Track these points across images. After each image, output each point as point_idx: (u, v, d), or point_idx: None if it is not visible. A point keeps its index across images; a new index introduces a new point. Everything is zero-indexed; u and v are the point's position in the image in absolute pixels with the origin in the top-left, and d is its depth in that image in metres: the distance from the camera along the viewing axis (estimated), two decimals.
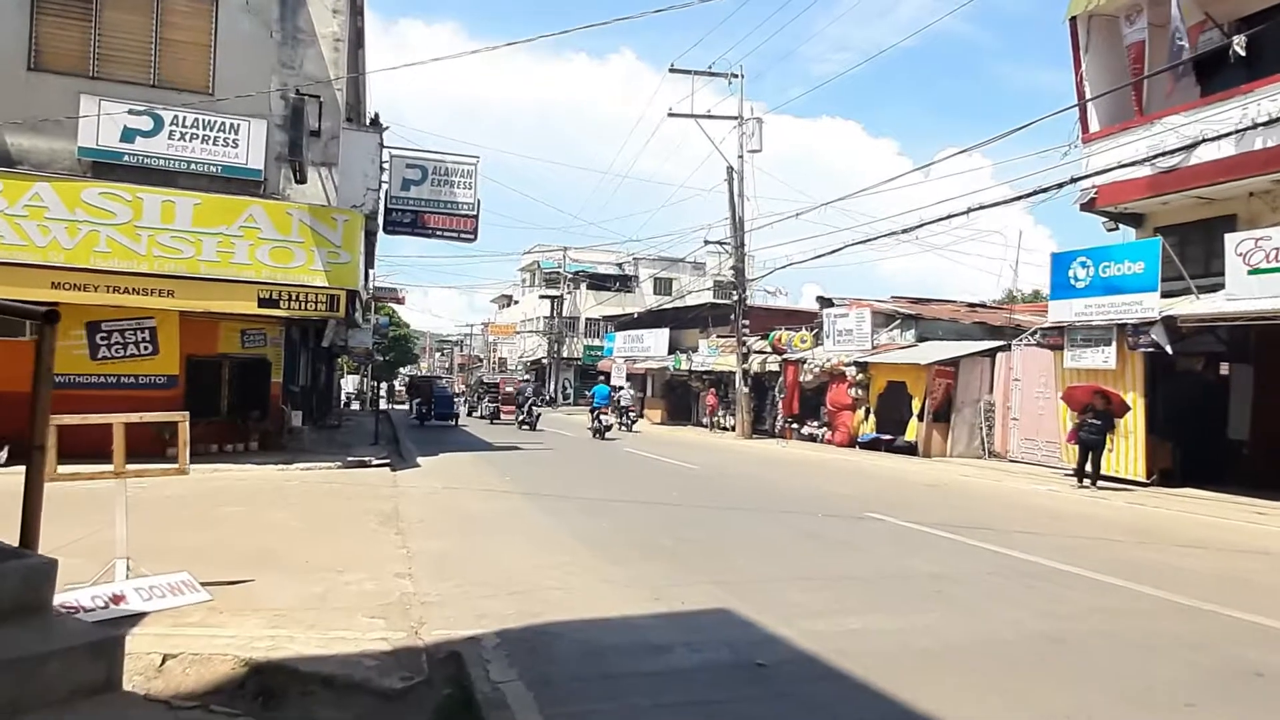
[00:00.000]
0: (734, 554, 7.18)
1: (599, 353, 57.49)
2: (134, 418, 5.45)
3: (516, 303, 72.29)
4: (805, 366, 24.32)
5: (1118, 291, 13.98)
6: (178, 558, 6.13)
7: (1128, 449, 14.08)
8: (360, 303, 17.07)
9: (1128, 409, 13.59)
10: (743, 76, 25.94)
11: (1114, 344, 14.16)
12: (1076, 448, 14.05)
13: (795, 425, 25.18)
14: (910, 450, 20.00)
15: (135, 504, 8.94)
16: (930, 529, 8.67)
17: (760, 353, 26.89)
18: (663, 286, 60.53)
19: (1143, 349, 13.60)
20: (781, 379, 26.03)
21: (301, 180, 13.49)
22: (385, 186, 16.51)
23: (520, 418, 27.38)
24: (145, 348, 13.82)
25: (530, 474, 13.30)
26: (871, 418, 21.68)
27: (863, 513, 9.74)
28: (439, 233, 17.65)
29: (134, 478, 5.57)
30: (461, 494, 10.56)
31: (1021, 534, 8.62)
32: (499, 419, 32.64)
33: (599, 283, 61.07)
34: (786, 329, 26.39)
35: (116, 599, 5.16)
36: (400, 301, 37.17)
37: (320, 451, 15.81)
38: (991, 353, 19.84)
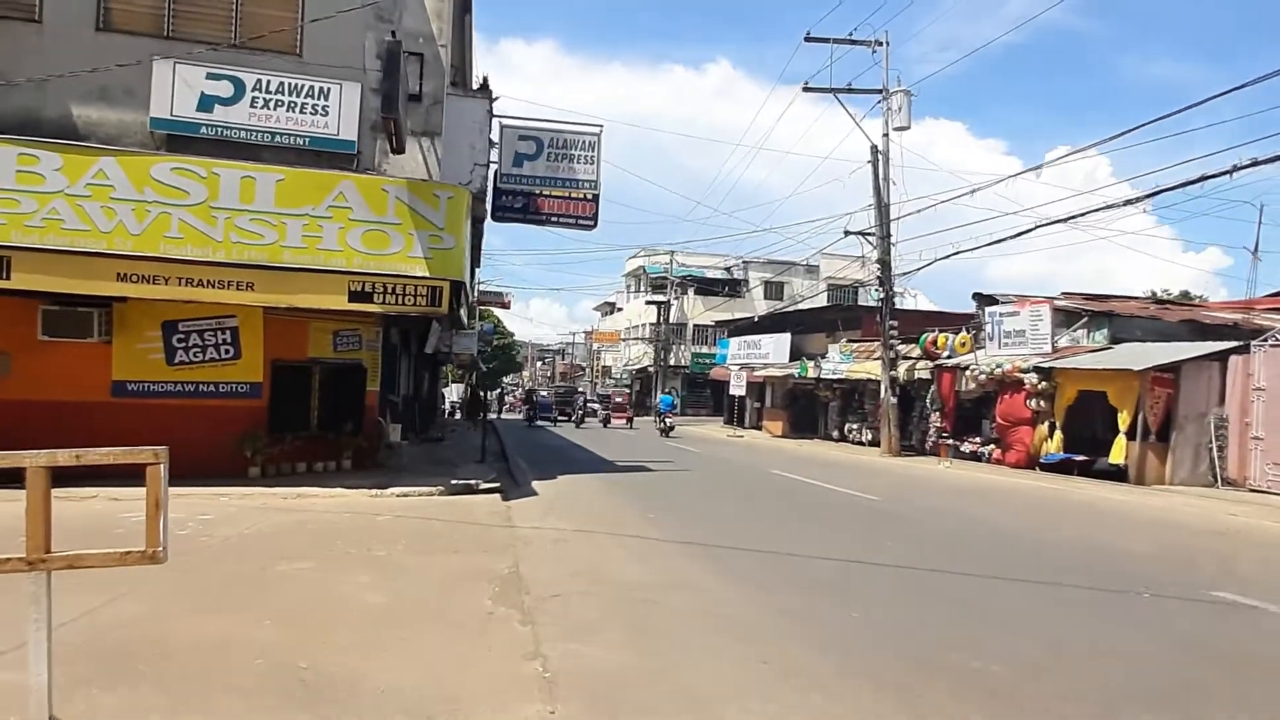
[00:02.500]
0: (1127, 706, 4.08)
1: (708, 360, 54.75)
2: (65, 456, 3.04)
3: (620, 309, 70.36)
4: (967, 374, 20.86)
5: None
6: (170, 680, 3.76)
7: None
8: (466, 298, 14.91)
9: None
10: (887, 44, 22.83)
11: None
12: None
13: (952, 441, 21.72)
14: (1115, 475, 16.37)
15: (174, 552, 6.82)
16: None
17: (908, 358, 23.55)
18: (774, 291, 57.35)
19: None
20: (933, 388, 22.62)
21: (399, 149, 11.36)
22: (494, 167, 14.31)
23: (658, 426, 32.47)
24: (226, 351, 11.99)
25: (677, 508, 10.66)
26: (1058, 434, 18.10)
27: (1206, 591, 6.55)
28: (554, 219, 15.34)
29: (62, 568, 3.18)
30: (601, 543, 7.90)
31: None
32: (609, 425, 37.48)
33: (707, 288, 58.41)
34: (940, 331, 22.93)
35: None
36: (506, 306, 35.49)
37: (420, 471, 13.68)
38: (1223, 356, 16.04)
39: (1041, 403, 18.40)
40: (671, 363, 56.77)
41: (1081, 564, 7.71)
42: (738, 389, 33.65)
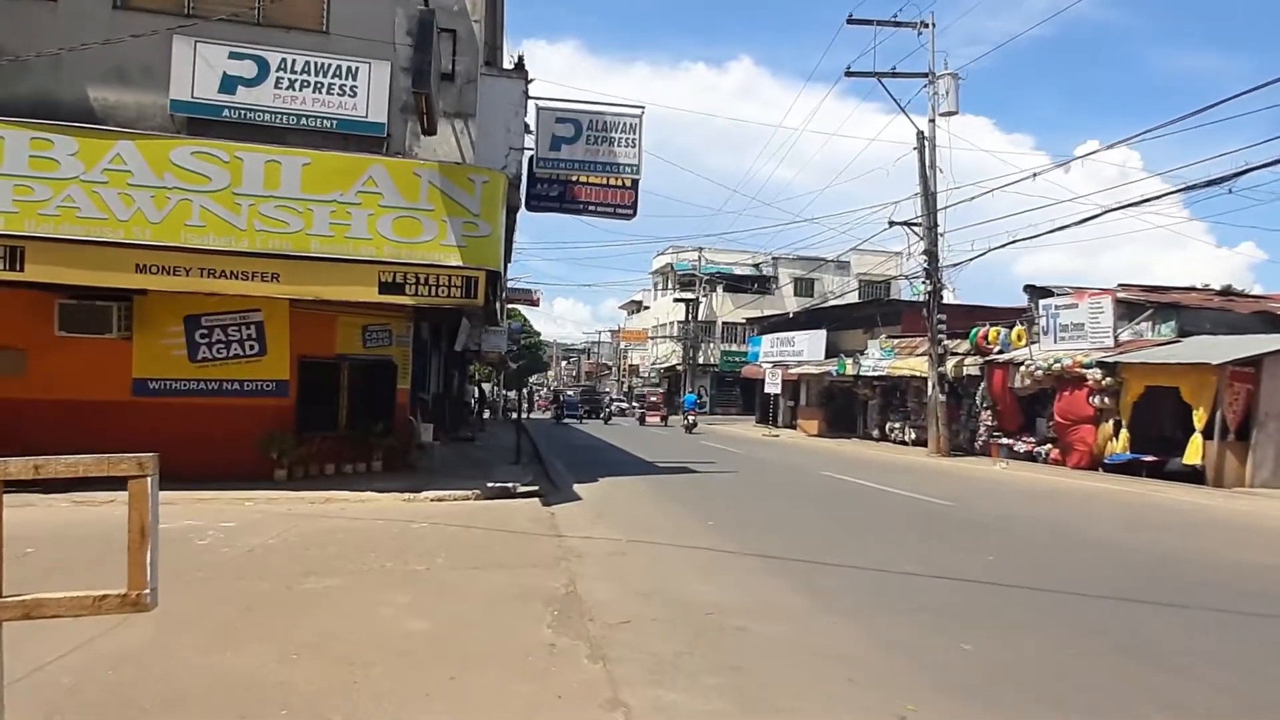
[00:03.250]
0: None
1: (737, 358, 53.80)
2: (19, 466, 2.29)
3: (647, 308, 69.55)
4: (1021, 370, 19.80)
5: None
6: None
7: None
8: (501, 290, 14.19)
9: None
10: (933, 26, 21.82)
11: None
12: None
13: (1005, 441, 20.68)
14: (1190, 477, 15.30)
15: (192, 567, 6.15)
16: None
17: (955, 354, 22.51)
18: (804, 288, 56.36)
19: None
20: (984, 385, 21.58)
21: (430, 130, 10.64)
22: (530, 153, 13.56)
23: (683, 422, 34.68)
24: (251, 347, 11.36)
25: (736, 515, 9.82)
26: (1124, 433, 17.03)
27: None
28: (591, 208, 14.59)
29: (16, 619, 2.43)
30: (664, 556, 7.03)
31: None
32: (645, 423, 39.21)
33: (736, 285, 57.49)
34: (992, 324, 21.88)
35: None
36: (535, 303, 34.75)
37: (454, 473, 12.99)
38: None
39: (1105, 399, 17.34)
40: (700, 361, 55.89)
41: (1209, 581, 6.80)
42: (773, 387, 32.75)
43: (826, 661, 4.35)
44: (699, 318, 56.04)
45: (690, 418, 34.42)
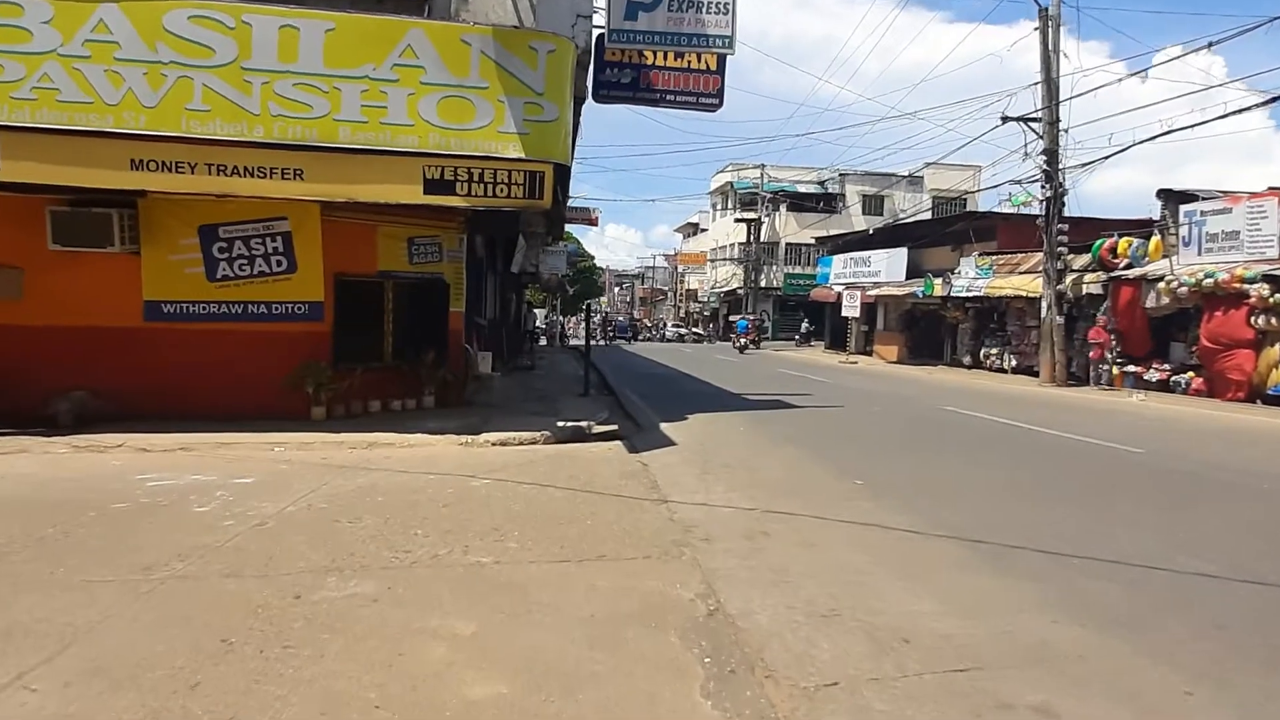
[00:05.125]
0: None
1: (802, 281, 51.10)
2: None
3: (704, 230, 66.74)
4: (1159, 286, 17.14)
5: None
6: None
7: None
8: (566, 192, 12.15)
9: None
10: None
11: None
12: None
13: (1132, 368, 18.17)
14: None
15: (180, 548, 4.45)
16: None
17: (1071, 270, 19.83)
18: (873, 205, 52.99)
19: None
20: (1107, 304, 18.95)
21: None
22: (599, 31, 11.28)
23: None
24: (278, 263, 9.57)
25: (871, 463, 7.72)
26: None
27: None
28: (670, 98, 12.32)
29: None
30: (816, 537, 4.97)
31: None
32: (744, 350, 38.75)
33: (800, 203, 54.27)
34: (1121, 235, 19.08)
35: None
36: (593, 222, 32.54)
37: (516, 408, 11.25)
38: None
39: (1272, 320, 14.72)
40: (762, 284, 53.29)
41: None
42: (851, 310, 30.37)
43: None
44: (761, 239, 53.24)
45: (742, 340, 36.98)
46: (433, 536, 4.77)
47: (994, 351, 24.35)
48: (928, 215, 40.49)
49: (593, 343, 18.94)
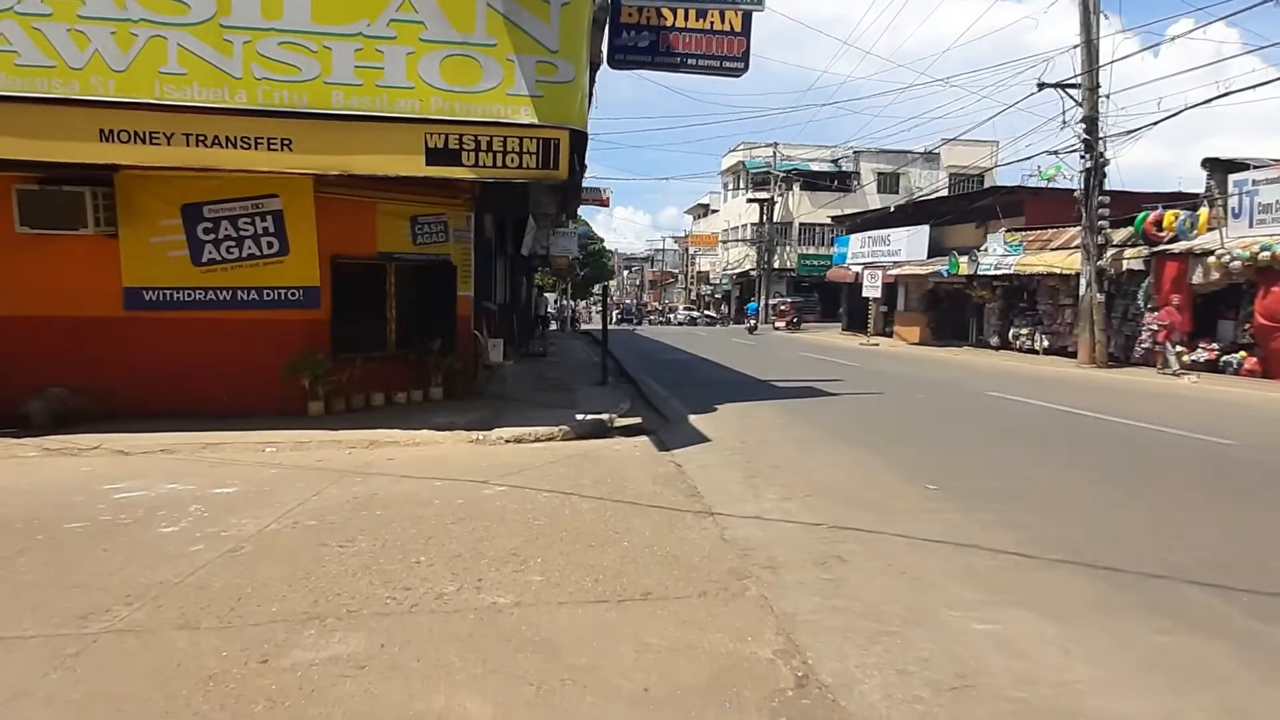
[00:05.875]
0: None
1: (817, 261, 49.99)
2: None
3: (715, 211, 65.54)
4: (1210, 261, 16.13)
5: None
6: None
7: None
8: (583, 163, 11.26)
9: None
10: None
11: None
12: None
13: (1176, 347, 17.16)
14: None
15: (131, 585, 3.61)
16: None
17: (1111, 245, 18.79)
18: (889, 183, 51.85)
19: None
20: (1149, 281, 17.94)
21: None
22: None
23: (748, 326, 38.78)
24: (269, 244, 8.73)
25: (936, 461, 6.80)
26: None
27: None
28: (691, 62, 11.43)
29: None
30: (905, 563, 4.08)
31: None
32: (777, 328, 39.84)
33: (813, 182, 53.01)
34: (1166, 207, 18.03)
35: None
36: (604, 203, 31.52)
37: (530, 398, 10.45)
38: None
39: None
40: (775, 265, 52.21)
41: None
42: (872, 290, 29.35)
43: None
44: (774, 219, 52.10)
45: (751, 322, 39.24)
46: (438, 565, 3.96)
47: (1024, 332, 23.35)
48: (945, 192, 39.35)
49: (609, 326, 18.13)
